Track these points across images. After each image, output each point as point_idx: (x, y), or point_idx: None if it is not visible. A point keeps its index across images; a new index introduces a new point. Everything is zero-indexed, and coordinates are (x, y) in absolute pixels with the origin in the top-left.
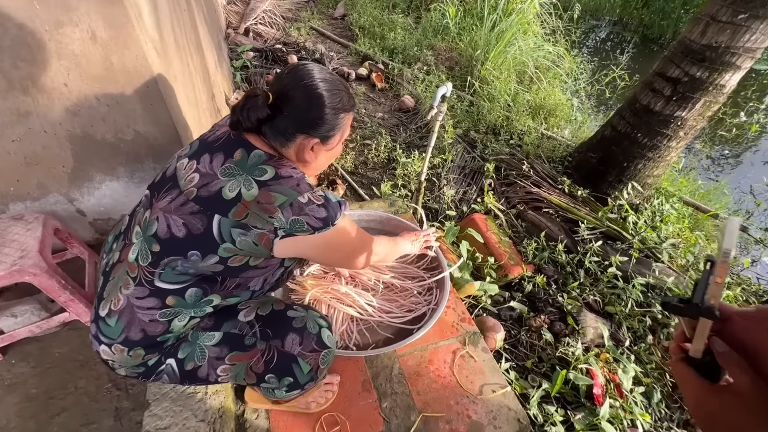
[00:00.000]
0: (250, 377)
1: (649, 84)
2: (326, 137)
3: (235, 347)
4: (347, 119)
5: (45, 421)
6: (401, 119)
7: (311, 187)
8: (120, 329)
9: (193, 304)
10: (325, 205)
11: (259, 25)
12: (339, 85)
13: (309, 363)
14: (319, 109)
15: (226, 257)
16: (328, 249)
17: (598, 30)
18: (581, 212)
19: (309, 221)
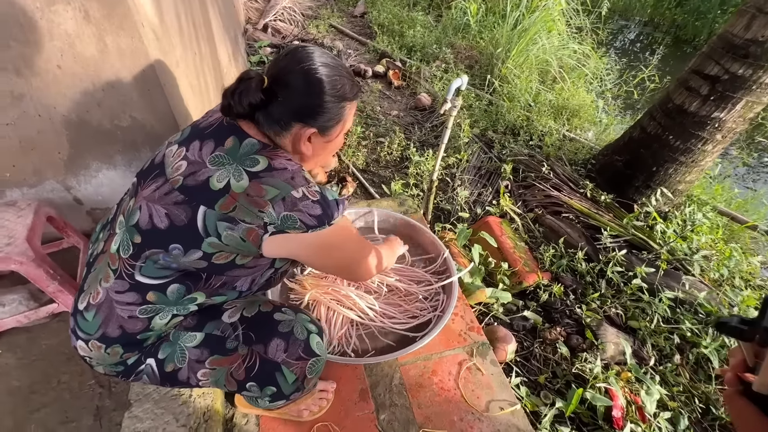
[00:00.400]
0: (230, 384)
1: (684, 82)
2: (325, 127)
3: (216, 350)
4: (350, 109)
5: (23, 417)
6: (417, 117)
7: (307, 182)
8: (97, 324)
9: (176, 301)
10: (321, 202)
11: (278, 21)
12: (342, 70)
13: (294, 372)
14: (318, 97)
15: (211, 253)
16: (323, 251)
17: (627, 30)
18: (604, 218)
19: (302, 218)
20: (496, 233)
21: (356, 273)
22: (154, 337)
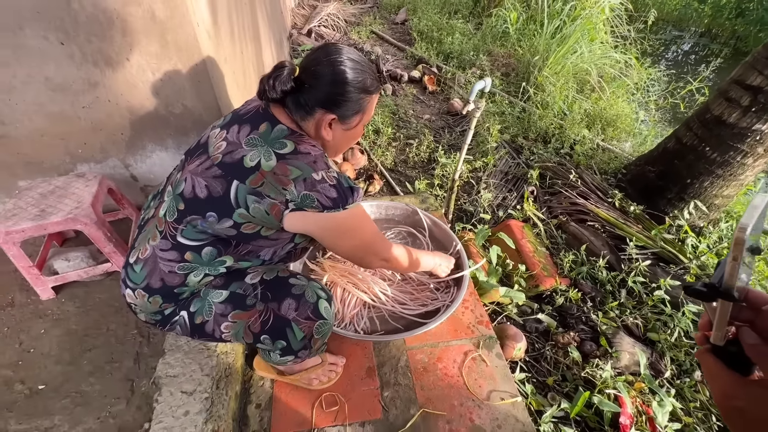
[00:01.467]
0: (247, 336)
1: (724, 93)
2: (345, 116)
3: (238, 306)
4: (370, 101)
5: (78, 354)
6: (448, 122)
7: (327, 167)
8: (143, 276)
9: (208, 262)
10: (337, 187)
11: (322, 27)
12: (365, 66)
13: (303, 330)
14: (341, 86)
15: (240, 223)
16: (337, 233)
17: (681, 41)
18: (632, 229)
19: (319, 198)
20: (516, 236)
21: (364, 260)
22: (189, 293)
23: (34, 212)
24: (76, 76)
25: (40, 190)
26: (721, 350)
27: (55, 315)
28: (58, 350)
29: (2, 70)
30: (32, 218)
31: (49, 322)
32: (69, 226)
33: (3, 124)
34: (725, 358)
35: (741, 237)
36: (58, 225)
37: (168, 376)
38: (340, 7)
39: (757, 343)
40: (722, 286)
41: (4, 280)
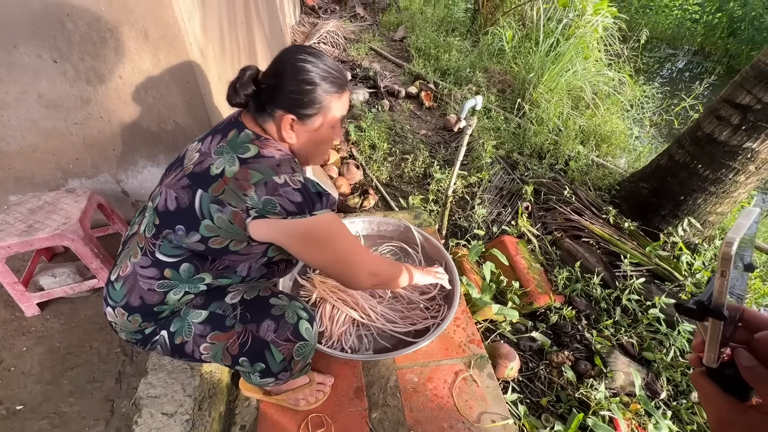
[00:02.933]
0: (226, 358)
1: (715, 111)
2: (304, 115)
3: (217, 327)
4: (332, 100)
5: (59, 373)
6: (444, 137)
7: (293, 170)
8: (123, 294)
9: (187, 279)
10: (302, 191)
11: (321, 44)
12: (328, 64)
13: (282, 352)
14: (296, 84)
15: (208, 237)
16: (305, 242)
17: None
18: (626, 246)
19: (282, 203)
20: (510, 252)
21: (346, 276)
22: (168, 311)
23: (21, 228)
24: (69, 93)
25: (30, 206)
26: (718, 373)
27: (38, 332)
28: (39, 369)
29: None
30: (19, 234)
31: (33, 339)
32: (56, 242)
33: None
34: (721, 382)
35: (728, 251)
36: (45, 241)
37: (149, 397)
38: (339, 24)
39: (753, 365)
40: (712, 303)
41: None
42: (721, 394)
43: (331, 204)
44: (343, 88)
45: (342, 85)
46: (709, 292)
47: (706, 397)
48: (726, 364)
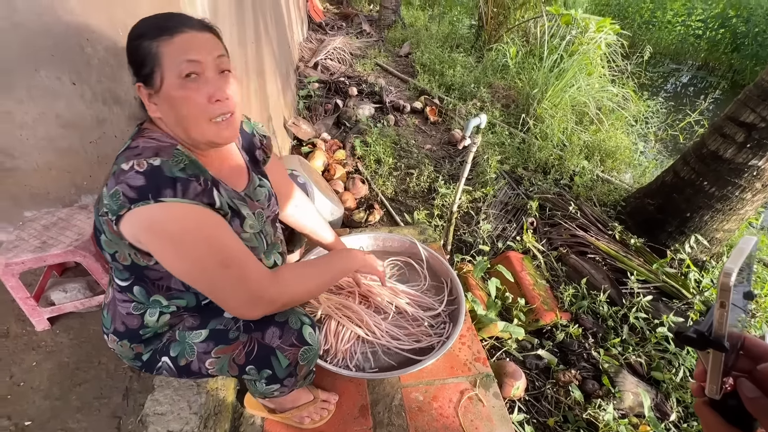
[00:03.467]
0: (232, 369)
1: (719, 129)
2: (145, 77)
3: (221, 341)
4: (160, 45)
5: (68, 389)
6: (449, 152)
7: (154, 155)
8: (110, 320)
9: (148, 301)
10: (146, 173)
11: (328, 60)
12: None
13: (288, 357)
14: (127, 47)
15: (111, 253)
16: (154, 241)
17: (679, 74)
18: (633, 262)
19: (123, 190)
20: (516, 269)
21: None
22: (152, 333)
23: (35, 244)
24: (85, 114)
25: (44, 222)
26: (721, 403)
27: (48, 347)
28: (48, 384)
29: (17, 108)
30: (33, 250)
31: (42, 354)
32: (69, 258)
33: (13, 157)
34: (725, 412)
35: (726, 282)
36: (59, 257)
37: (156, 414)
38: (346, 41)
39: (757, 396)
40: (712, 335)
41: (1, 310)
42: (725, 426)
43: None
44: (170, 31)
45: (167, 28)
46: (708, 322)
47: (710, 428)
48: (729, 395)
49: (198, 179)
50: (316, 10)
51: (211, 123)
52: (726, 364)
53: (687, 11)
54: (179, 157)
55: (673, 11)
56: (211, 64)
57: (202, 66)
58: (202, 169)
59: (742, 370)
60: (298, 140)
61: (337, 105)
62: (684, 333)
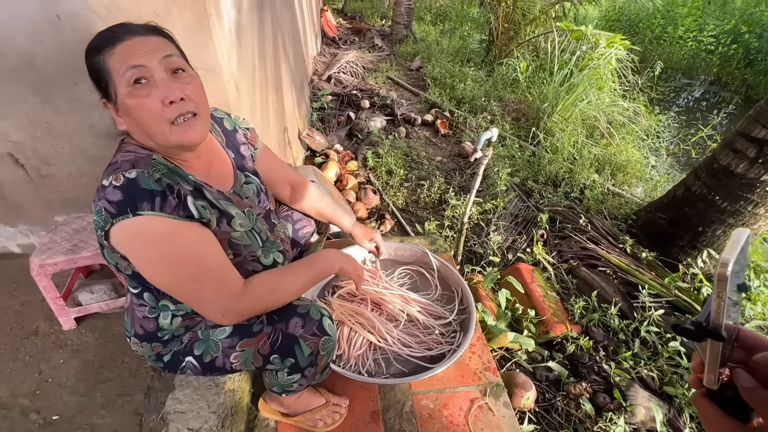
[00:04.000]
0: (257, 360)
1: (730, 144)
2: (103, 92)
3: (245, 335)
4: (106, 59)
5: (92, 386)
6: (459, 164)
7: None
8: (130, 324)
9: (158, 306)
10: (123, 187)
11: (341, 73)
12: (102, 31)
13: (310, 346)
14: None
15: (114, 264)
16: (136, 255)
17: (691, 89)
18: (644, 276)
19: (105, 206)
20: (526, 280)
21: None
22: (169, 335)
23: (67, 246)
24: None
25: (74, 226)
26: (718, 394)
27: (74, 345)
28: (74, 381)
29: (55, 118)
30: (65, 252)
31: (69, 352)
32: (97, 261)
33: (49, 164)
34: (722, 403)
35: (723, 273)
36: (88, 259)
37: (176, 412)
38: (358, 55)
39: (753, 386)
40: (710, 324)
41: (31, 310)
42: (723, 417)
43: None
44: (112, 41)
45: (110, 39)
46: (706, 313)
47: (708, 419)
48: (726, 386)
49: (173, 191)
50: (330, 25)
51: (173, 126)
52: (723, 355)
53: (698, 27)
54: (157, 167)
55: (684, 27)
56: (158, 66)
57: (149, 70)
58: (181, 175)
59: (738, 362)
60: (312, 151)
61: (350, 117)
62: (682, 325)
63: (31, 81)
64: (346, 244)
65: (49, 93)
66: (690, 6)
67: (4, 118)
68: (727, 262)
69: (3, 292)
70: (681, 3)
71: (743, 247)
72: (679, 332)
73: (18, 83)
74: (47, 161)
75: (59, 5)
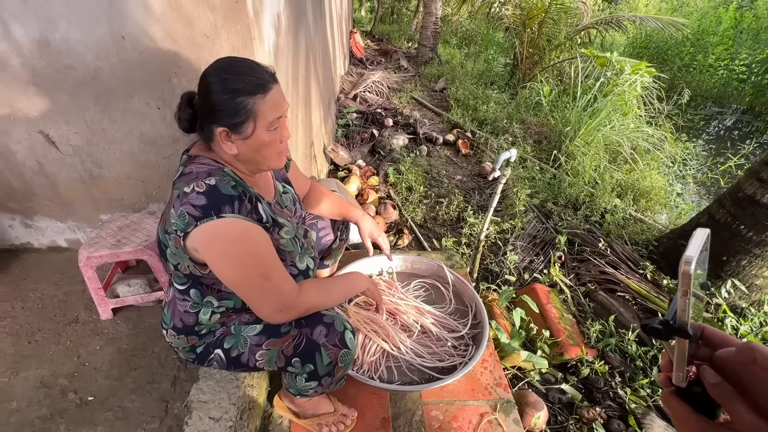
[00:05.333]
0: (280, 360)
1: (756, 173)
2: (235, 125)
3: (272, 335)
4: (256, 103)
5: (125, 372)
6: (479, 183)
7: (207, 176)
8: (170, 317)
9: (202, 302)
10: (207, 193)
11: (367, 92)
12: (236, 68)
13: (330, 356)
14: (209, 96)
15: (174, 264)
16: (214, 253)
17: (723, 118)
18: (664, 303)
19: (189, 210)
20: (542, 301)
21: (251, 303)
22: (207, 329)
23: (111, 242)
24: (164, 133)
25: (118, 224)
26: (686, 392)
27: (110, 334)
28: (108, 366)
29: (110, 126)
30: (109, 247)
31: (105, 340)
32: (137, 256)
33: (100, 167)
34: (691, 401)
35: (687, 270)
36: (129, 254)
37: (199, 401)
38: (384, 75)
39: (718, 382)
40: (676, 322)
41: (73, 299)
42: (692, 414)
43: (251, 212)
44: (264, 88)
45: (262, 86)
46: (672, 311)
47: (678, 418)
48: (693, 383)
49: (246, 197)
50: (358, 47)
51: (277, 156)
52: (690, 353)
53: (730, 56)
54: (227, 177)
55: (715, 55)
56: (285, 115)
57: (283, 118)
58: (246, 187)
59: (703, 359)
60: (335, 165)
61: (373, 134)
62: (650, 325)
63: (94, 92)
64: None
65: (107, 103)
66: (721, 35)
67: (68, 124)
68: (690, 260)
69: (49, 282)
70: (712, 31)
71: (704, 246)
72: (647, 332)
73: (83, 94)
74: (99, 164)
75: (125, 28)
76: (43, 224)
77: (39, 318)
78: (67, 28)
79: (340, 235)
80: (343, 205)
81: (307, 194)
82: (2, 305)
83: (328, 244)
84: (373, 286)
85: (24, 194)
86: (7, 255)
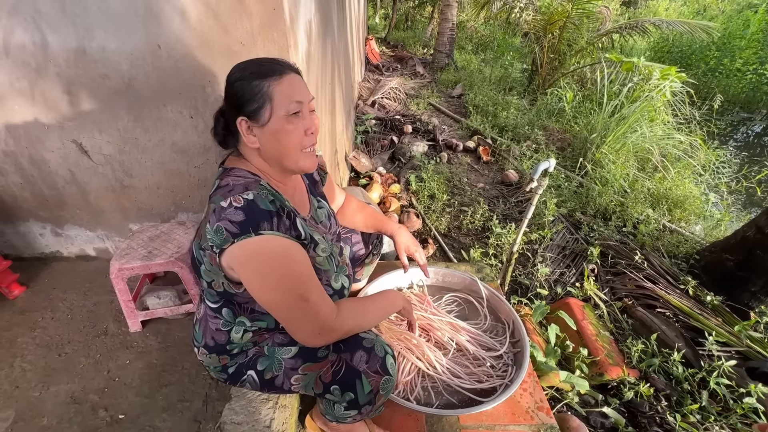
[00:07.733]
0: (317, 386)
1: None
2: (252, 112)
3: (309, 359)
4: (271, 85)
5: (155, 389)
6: (502, 191)
7: (245, 190)
8: (201, 335)
9: (234, 321)
10: (245, 208)
11: (385, 99)
12: (256, 60)
13: (371, 383)
14: (230, 86)
15: (209, 281)
16: (251, 271)
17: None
18: (710, 322)
19: (226, 226)
20: (577, 316)
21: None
22: (238, 348)
23: (143, 253)
24: (195, 142)
25: (149, 234)
26: None
27: (139, 347)
28: (139, 382)
29: (143, 135)
30: (141, 258)
31: (134, 353)
32: (169, 268)
33: (131, 176)
34: None
35: None
36: (161, 266)
37: (232, 423)
38: (401, 81)
39: None
40: None
41: (102, 310)
42: None
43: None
44: (279, 72)
45: (277, 70)
46: None
47: None
48: None
49: (285, 212)
50: (374, 53)
51: (301, 153)
52: None
53: (759, 60)
54: (264, 191)
55: (742, 59)
56: (308, 104)
57: (303, 106)
58: (284, 201)
59: None
60: (356, 172)
61: (393, 141)
62: (761, 369)
63: (128, 101)
64: (392, 267)
65: (140, 112)
66: (749, 38)
67: (102, 132)
68: None
69: (78, 292)
70: (739, 35)
71: None
72: (756, 376)
73: (117, 103)
74: (130, 173)
75: (160, 37)
76: (73, 233)
77: (69, 329)
78: (104, 37)
79: (373, 249)
80: (378, 218)
81: (342, 207)
82: (33, 315)
83: (362, 258)
84: (408, 305)
85: (55, 203)
86: (36, 263)
